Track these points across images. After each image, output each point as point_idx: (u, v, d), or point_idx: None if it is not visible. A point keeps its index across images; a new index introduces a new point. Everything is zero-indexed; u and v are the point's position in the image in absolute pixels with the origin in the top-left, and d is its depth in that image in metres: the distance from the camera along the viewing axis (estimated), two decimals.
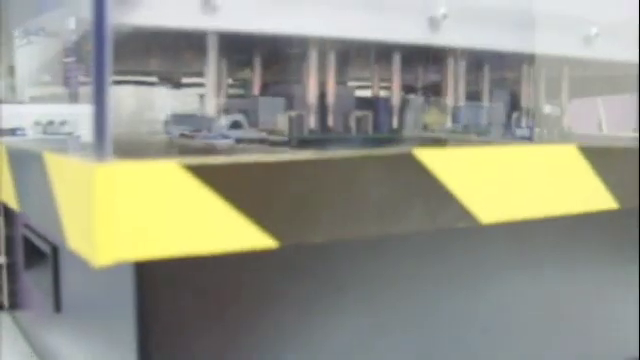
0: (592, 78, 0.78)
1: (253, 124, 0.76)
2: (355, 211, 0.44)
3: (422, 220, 0.46)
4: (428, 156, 0.46)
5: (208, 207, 0.40)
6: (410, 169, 0.46)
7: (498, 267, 0.56)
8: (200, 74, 0.62)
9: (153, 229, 0.39)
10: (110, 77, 0.38)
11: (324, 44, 0.59)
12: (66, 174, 0.43)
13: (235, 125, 0.94)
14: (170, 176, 0.39)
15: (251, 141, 0.73)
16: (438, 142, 0.73)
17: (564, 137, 0.72)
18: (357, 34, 0.52)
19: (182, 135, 0.79)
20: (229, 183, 0.40)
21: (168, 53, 0.73)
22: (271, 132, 0.72)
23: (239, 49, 0.61)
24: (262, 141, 0.73)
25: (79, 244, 0.41)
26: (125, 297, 0.43)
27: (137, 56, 0.74)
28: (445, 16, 0.53)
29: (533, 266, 0.58)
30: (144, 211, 0.38)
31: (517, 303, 0.57)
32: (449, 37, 0.55)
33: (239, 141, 0.74)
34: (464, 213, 0.48)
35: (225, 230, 0.41)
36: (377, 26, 0.52)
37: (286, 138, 0.71)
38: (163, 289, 0.43)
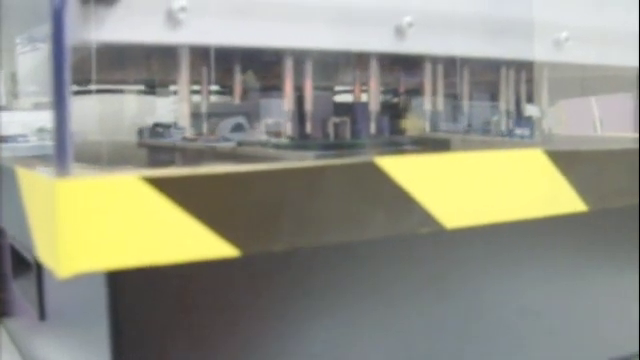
0: (573, 79, 0.79)
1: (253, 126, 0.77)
2: (317, 220, 0.45)
3: (385, 227, 0.47)
4: (389, 164, 0.47)
5: (169, 218, 0.41)
6: (372, 177, 0.47)
7: (489, 267, 0.57)
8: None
9: (115, 241, 0.40)
10: (70, 95, 0.39)
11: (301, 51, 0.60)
12: (33, 188, 0.44)
13: (237, 128, 0.95)
14: (130, 189, 0.40)
15: (252, 143, 0.74)
16: (439, 143, 0.73)
17: (545, 138, 0.72)
18: (324, 45, 0.53)
19: (184, 139, 0.80)
20: (189, 194, 0.41)
21: (162, 62, 0.74)
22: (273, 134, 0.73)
23: (218, 57, 0.62)
24: (264, 144, 0.74)
25: (46, 256, 0.42)
26: (98, 305, 0.44)
27: (135, 65, 0.75)
28: (411, 24, 0.54)
29: (530, 264, 0.59)
30: (106, 224, 0.40)
31: (513, 303, 0.58)
32: (417, 45, 0.55)
33: (241, 144, 0.76)
34: (427, 219, 0.49)
35: (186, 240, 0.42)
36: (345, 36, 0.53)
37: (288, 140, 0.71)
38: (135, 297, 0.44)
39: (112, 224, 0.40)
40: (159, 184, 0.41)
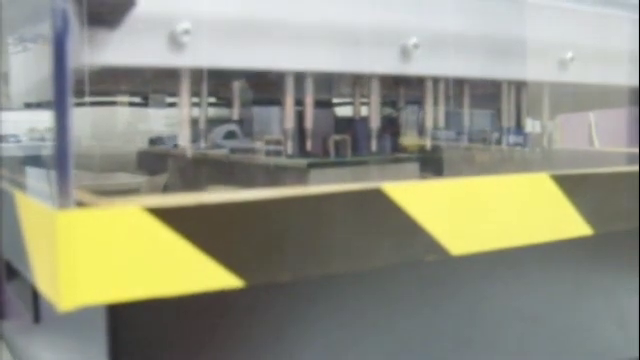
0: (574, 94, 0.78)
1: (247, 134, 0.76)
2: (322, 248, 0.44)
3: (391, 255, 0.46)
4: (396, 191, 0.46)
5: (172, 249, 0.40)
6: (378, 204, 0.46)
7: (488, 274, 0.56)
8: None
9: (118, 273, 0.39)
10: (72, 131, 0.38)
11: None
12: (33, 218, 0.43)
13: (230, 135, 0.95)
14: (133, 220, 0.39)
15: (245, 151, 0.73)
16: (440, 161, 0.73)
17: (545, 153, 0.72)
18: (328, 67, 0.52)
19: (176, 146, 0.80)
20: (193, 225, 0.41)
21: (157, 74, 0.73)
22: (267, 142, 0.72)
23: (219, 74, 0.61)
24: (256, 151, 0.73)
25: (46, 287, 0.41)
26: (95, 308, 0.43)
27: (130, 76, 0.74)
28: (417, 46, 0.53)
29: (530, 269, 0.58)
30: (108, 256, 0.39)
31: (513, 307, 0.58)
32: (422, 66, 0.55)
33: (233, 151, 0.75)
34: (433, 246, 0.48)
35: (190, 271, 0.41)
36: (348, 58, 0.52)
37: (281, 148, 0.71)
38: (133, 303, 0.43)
39: (114, 255, 0.39)
40: (162, 215, 0.40)
